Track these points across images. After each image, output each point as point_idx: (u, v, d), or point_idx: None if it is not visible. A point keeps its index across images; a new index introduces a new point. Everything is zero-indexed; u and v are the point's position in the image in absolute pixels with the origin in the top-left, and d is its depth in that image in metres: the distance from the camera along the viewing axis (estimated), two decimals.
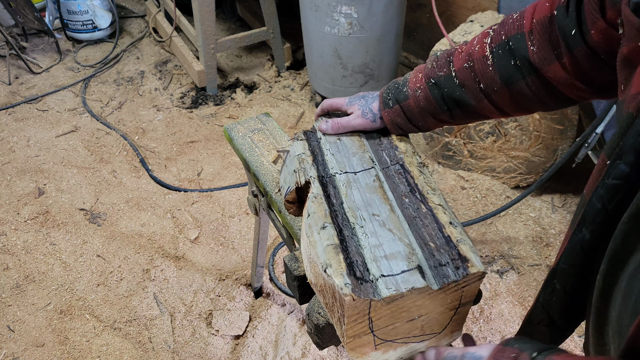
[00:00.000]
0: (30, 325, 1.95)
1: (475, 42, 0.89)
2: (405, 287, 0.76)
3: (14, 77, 3.30)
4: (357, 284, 0.76)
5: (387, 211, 0.88)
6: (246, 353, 1.87)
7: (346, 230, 0.84)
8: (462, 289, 0.80)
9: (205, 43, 3.00)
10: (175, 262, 2.19)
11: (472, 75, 0.88)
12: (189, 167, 2.67)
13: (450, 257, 0.80)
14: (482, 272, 0.79)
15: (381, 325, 0.80)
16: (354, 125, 1.04)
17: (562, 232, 2.26)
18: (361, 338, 0.81)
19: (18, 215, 2.37)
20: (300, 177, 0.96)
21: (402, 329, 0.83)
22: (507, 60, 0.84)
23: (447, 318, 0.85)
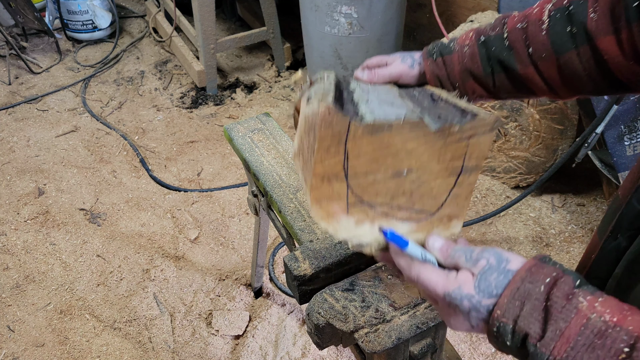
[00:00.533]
0: (30, 325, 1.95)
1: (536, 5, 0.84)
2: (395, 117, 0.64)
3: (14, 77, 3.30)
4: (340, 107, 0.64)
5: (399, 101, 0.77)
6: (246, 353, 1.87)
7: (348, 103, 0.72)
8: (468, 140, 0.66)
9: (205, 43, 3.00)
10: (175, 262, 2.19)
11: (523, 37, 0.82)
12: (189, 167, 2.67)
13: (460, 114, 0.68)
14: (494, 119, 0.66)
15: (358, 169, 0.66)
16: (391, 71, 0.95)
17: (562, 232, 2.26)
18: (332, 185, 0.66)
19: (18, 215, 2.37)
20: (317, 80, 0.84)
21: (384, 187, 0.68)
22: (563, 26, 0.78)
23: (444, 188, 0.69)
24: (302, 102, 0.72)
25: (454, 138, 0.65)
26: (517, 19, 0.84)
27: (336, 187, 0.65)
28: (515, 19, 0.85)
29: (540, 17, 0.80)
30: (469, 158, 0.68)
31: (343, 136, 0.62)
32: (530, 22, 0.81)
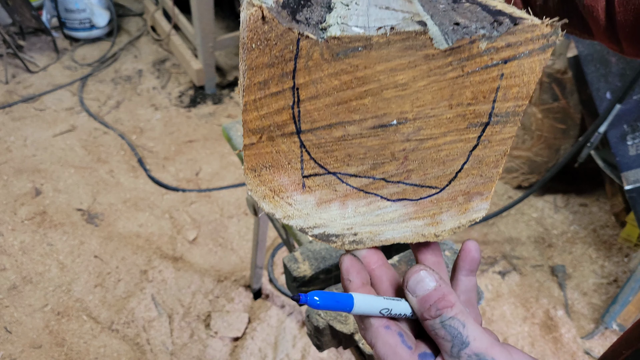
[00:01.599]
0: (28, 326, 1.93)
1: None
2: (377, 28, 0.39)
3: (11, 76, 3.27)
4: (287, 16, 0.39)
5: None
6: (245, 355, 1.85)
7: (310, 6, 0.43)
8: (503, 65, 0.40)
9: (203, 41, 2.97)
10: (174, 263, 2.17)
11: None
12: (187, 166, 2.65)
13: (488, 21, 0.40)
14: (549, 30, 0.39)
15: (317, 118, 0.42)
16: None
17: (564, 232, 2.24)
18: (275, 142, 0.43)
19: (15, 216, 2.35)
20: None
21: (361, 149, 0.43)
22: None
23: (460, 149, 0.44)
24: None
25: (477, 62, 0.39)
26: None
27: (283, 148, 0.43)
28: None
29: None
30: (503, 97, 0.41)
31: (289, 63, 0.39)
32: None
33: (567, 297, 2.00)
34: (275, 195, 0.45)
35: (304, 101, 0.41)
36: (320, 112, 0.42)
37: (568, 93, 2.07)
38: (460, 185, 0.45)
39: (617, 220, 2.25)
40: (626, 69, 1.83)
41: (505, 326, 1.91)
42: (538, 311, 1.95)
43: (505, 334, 1.89)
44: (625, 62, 1.83)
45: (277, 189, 0.45)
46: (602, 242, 2.19)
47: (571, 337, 1.86)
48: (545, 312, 1.95)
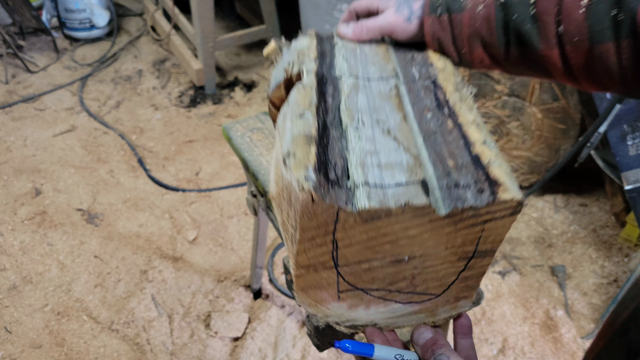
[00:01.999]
0: (27, 326, 1.93)
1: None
2: (395, 201, 0.51)
3: (11, 76, 3.27)
4: (326, 185, 0.52)
5: (397, 119, 0.63)
6: (245, 355, 1.85)
7: (334, 130, 0.59)
8: (483, 225, 0.54)
9: (203, 41, 2.97)
10: (174, 263, 2.16)
11: (555, 10, 0.66)
12: (187, 166, 2.65)
13: (473, 179, 0.54)
14: (517, 202, 0.53)
15: (350, 258, 0.56)
16: (382, 25, 0.78)
17: (564, 232, 2.24)
18: (319, 274, 0.57)
19: (15, 216, 2.35)
20: (294, 68, 0.71)
21: (381, 274, 0.58)
22: (607, 9, 0.63)
23: (452, 273, 0.60)
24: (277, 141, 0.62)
25: (466, 223, 0.53)
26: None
27: (324, 275, 0.57)
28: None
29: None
30: (483, 242, 0.57)
31: (330, 226, 0.52)
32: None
33: (567, 297, 2.00)
34: (318, 304, 0.61)
35: (340, 248, 0.55)
36: (352, 254, 0.56)
37: (568, 93, 2.07)
38: (451, 292, 0.62)
39: (617, 220, 2.25)
40: None
41: (505, 326, 1.91)
42: (538, 311, 1.95)
43: (505, 334, 1.89)
44: None
45: (319, 300, 0.61)
46: (602, 242, 2.19)
47: (571, 337, 1.86)
48: (545, 312, 1.95)
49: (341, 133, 0.59)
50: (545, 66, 0.70)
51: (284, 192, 0.56)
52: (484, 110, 2.30)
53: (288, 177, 0.52)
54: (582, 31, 0.64)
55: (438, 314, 0.64)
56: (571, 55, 0.66)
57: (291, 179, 0.51)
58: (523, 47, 0.70)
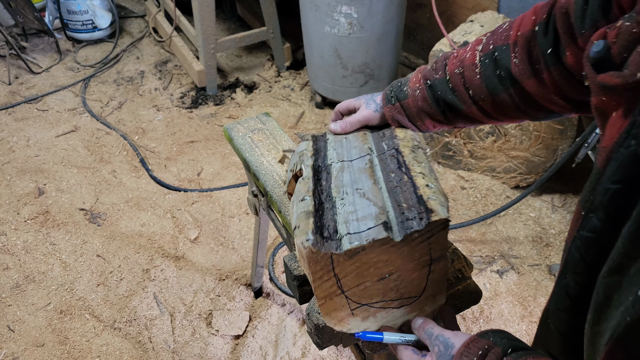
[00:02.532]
0: (30, 325, 1.95)
1: (469, 48, 0.92)
2: (366, 240, 0.75)
3: (14, 77, 3.30)
4: (322, 241, 0.76)
5: (370, 185, 0.88)
6: (246, 353, 1.87)
7: (327, 203, 0.85)
8: (428, 240, 0.78)
9: (205, 43, 3.00)
10: (175, 262, 2.19)
11: (462, 81, 0.91)
12: (189, 167, 2.67)
13: (417, 212, 0.78)
14: (444, 220, 0.77)
15: (350, 284, 0.79)
16: (359, 118, 1.06)
17: (562, 232, 2.26)
18: (333, 300, 0.80)
19: (18, 215, 2.37)
20: (297, 167, 1.00)
21: (375, 290, 0.81)
22: (492, 70, 0.86)
23: (422, 278, 0.83)
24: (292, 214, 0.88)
25: (416, 242, 0.78)
26: (455, 64, 0.93)
27: (337, 300, 0.80)
28: (454, 61, 0.93)
29: (472, 60, 0.89)
30: (433, 252, 0.80)
31: (329, 266, 0.76)
32: (465, 66, 0.90)
33: None
34: (339, 322, 0.83)
35: (341, 279, 0.78)
36: (350, 281, 0.79)
37: None
38: (428, 291, 0.85)
39: None
40: None
41: (503, 324, 1.93)
42: (536, 310, 1.97)
43: None
44: None
45: (340, 319, 0.83)
46: None
47: None
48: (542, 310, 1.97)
49: (332, 204, 0.85)
50: (473, 118, 0.95)
51: (300, 253, 0.80)
52: None
53: (296, 242, 0.77)
54: (484, 90, 0.88)
55: (425, 309, 0.86)
56: (485, 106, 0.91)
57: (298, 243, 0.77)
58: (453, 111, 0.95)
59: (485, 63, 0.87)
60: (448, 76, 0.93)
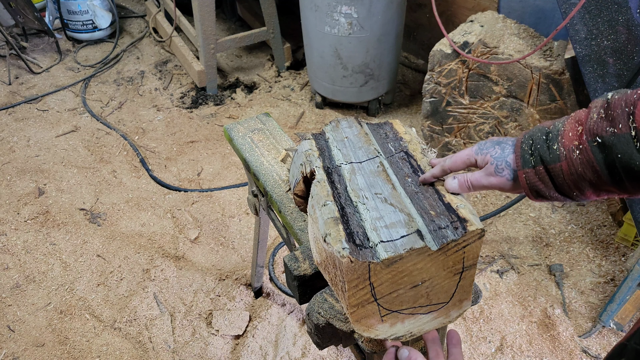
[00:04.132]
0: (31, 325, 1.95)
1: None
2: (403, 249, 0.75)
3: (14, 77, 3.30)
4: (356, 249, 0.76)
5: (389, 189, 0.88)
6: (246, 353, 1.87)
7: (348, 208, 0.85)
8: (463, 249, 0.79)
9: (205, 43, 3.00)
10: (175, 262, 2.19)
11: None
12: (189, 167, 2.67)
13: (449, 221, 0.79)
14: (481, 230, 0.77)
15: (384, 292, 0.79)
16: (486, 184, 0.80)
17: (561, 232, 2.26)
18: (365, 307, 0.80)
19: (18, 215, 2.37)
20: (306, 168, 0.98)
21: (406, 297, 0.81)
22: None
23: (452, 284, 0.83)
24: (310, 223, 0.90)
25: (452, 251, 0.78)
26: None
27: (369, 308, 0.81)
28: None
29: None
30: (467, 260, 0.81)
31: (366, 275, 0.77)
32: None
33: (565, 296, 2.01)
34: (368, 328, 0.83)
35: (376, 287, 0.78)
36: (384, 289, 0.79)
37: (565, 94, 2.09)
38: (456, 298, 0.85)
39: (614, 219, 2.26)
40: (623, 69, 1.85)
41: (503, 324, 1.93)
42: (536, 310, 1.97)
43: (503, 332, 1.91)
44: (622, 63, 1.85)
45: (369, 325, 0.83)
46: (599, 242, 2.21)
47: (569, 335, 1.88)
48: (542, 310, 1.97)
49: (354, 209, 0.85)
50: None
51: (328, 259, 0.81)
52: (482, 111, 2.32)
53: (330, 250, 0.78)
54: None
55: (450, 315, 0.87)
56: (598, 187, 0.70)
57: (332, 250, 0.77)
58: (639, 179, 0.67)
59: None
60: (636, 131, 0.64)
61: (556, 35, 1.92)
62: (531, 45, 2.13)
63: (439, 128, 2.47)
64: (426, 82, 2.39)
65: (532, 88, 2.13)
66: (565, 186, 0.73)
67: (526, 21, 2.41)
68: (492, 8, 2.56)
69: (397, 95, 3.15)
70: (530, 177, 0.74)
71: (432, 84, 2.37)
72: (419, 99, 3.05)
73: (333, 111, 3.01)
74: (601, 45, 1.84)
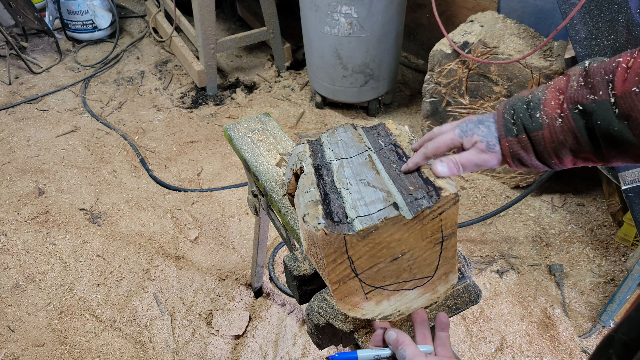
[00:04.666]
0: (31, 325, 1.95)
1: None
2: (378, 219, 0.76)
3: (14, 77, 3.30)
4: (333, 225, 0.77)
5: (373, 175, 0.89)
6: (246, 353, 1.87)
7: (332, 194, 0.87)
8: (439, 216, 0.78)
9: (205, 43, 3.00)
10: (175, 262, 2.19)
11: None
12: (189, 167, 2.67)
13: (426, 192, 0.80)
14: (454, 194, 0.77)
15: (364, 266, 0.79)
16: (479, 162, 0.80)
17: (561, 232, 2.26)
18: (347, 284, 0.80)
19: (18, 215, 2.37)
20: (297, 165, 1.00)
21: (388, 272, 0.81)
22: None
23: (434, 256, 0.82)
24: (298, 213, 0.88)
25: (428, 218, 0.78)
26: (631, 79, 0.66)
27: (351, 284, 0.80)
28: (627, 75, 0.67)
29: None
30: (445, 228, 0.80)
31: (342, 248, 0.77)
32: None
33: (565, 296, 2.01)
34: (353, 307, 0.82)
35: (355, 261, 0.78)
36: (363, 263, 0.79)
37: None
38: (441, 270, 0.85)
39: (614, 219, 2.27)
40: None
41: (503, 324, 1.93)
42: (536, 310, 1.97)
43: (503, 332, 1.91)
44: None
45: (354, 304, 0.82)
46: (599, 242, 2.21)
47: (569, 335, 1.88)
48: (542, 310, 1.97)
49: (338, 194, 0.86)
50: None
51: (309, 240, 0.81)
52: (482, 111, 2.32)
53: (308, 228, 0.79)
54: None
55: (437, 290, 0.86)
56: None
57: (310, 227, 0.78)
58: (618, 147, 0.69)
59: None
60: (615, 98, 0.67)
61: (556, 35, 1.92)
62: (531, 45, 2.13)
63: None
64: (426, 82, 2.39)
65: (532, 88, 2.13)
66: (546, 154, 0.75)
67: (526, 21, 2.41)
68: (492, 8, 2.56)
69: (397, 95, 3.15)
70: (513, 145, 0.76)
71: (432, 84, 2.37)
72: (419, 99, 3.05)
73: (333, 111, 3.01)
74: (601, 45, 1.84)
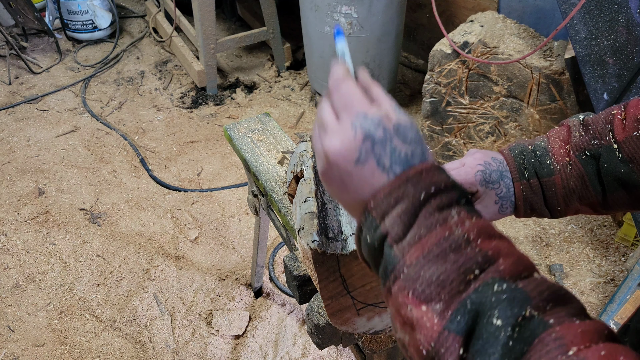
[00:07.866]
0: (30, 325, 1.95)
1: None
2: None
3: (14, 77, 3.30)
4: (327, 242, 0.77)
5: None
6: (246, 353, 1.87)
7: (330, 204, 0.87)
8: None
9: (205, 43, 3.00)
10: (175, 262, 2.19)
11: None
12: (189, 167, 2.67)
13: None
14: None
15: (356, 284, 0.80)
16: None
17: (561, 232, 2.26)
18: (339, 300, 0.81)
19: (18, 215, 2.37)
20: (297, 168, 1.00)
21: (380, 290, 0.80)
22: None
23: None
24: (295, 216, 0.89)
25: None
26: (629, 125, 0.69)
27: (343, 301, 0.80)
28: (624, 124, 0.70)
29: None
30: None
31: (335, 266, 0.77)
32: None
33: None
34: (345, 322, 0.82)
35: (347, 279, 0.78)
36: (356, 281, 0.79)
37: (565, 94, 2.09)
38: None
39: (614, 219, 2.27)
40: (623, 70, 1.85)
41: None
42: None
43: None
44: (622, 64, 1.85)
45: (345, 319, 0.82)
46: (599, 242, 2.21)
47: None
48: None
49: (335, 205, 0.85)
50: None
51: (304, 253, 0.81)
52: (482, 111, 2.32)
53: (302, 243, 0.78)
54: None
55: None
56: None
57: (304, 243, 0.77)
58: (627, 189, 0.71)
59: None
60: (616, 144, 0.70)
61: (556, 35, 1.92)
62: (531, 45, 2.13)
63: (439, 128, 2.47)
64: (426, 82, 2.39)
65: (532, 88, 2.13)
66: (554, 199, 0.77)
67: (526, 21, 2.41)
68: (492, 8, 2.56)
69: (397, 95, 3.15)
70: (525, 190, 0.77)
71: (432, 84, 2.37)
72: (419, 99, 3.05)
73: None
74: (601, 45, 1.84)
